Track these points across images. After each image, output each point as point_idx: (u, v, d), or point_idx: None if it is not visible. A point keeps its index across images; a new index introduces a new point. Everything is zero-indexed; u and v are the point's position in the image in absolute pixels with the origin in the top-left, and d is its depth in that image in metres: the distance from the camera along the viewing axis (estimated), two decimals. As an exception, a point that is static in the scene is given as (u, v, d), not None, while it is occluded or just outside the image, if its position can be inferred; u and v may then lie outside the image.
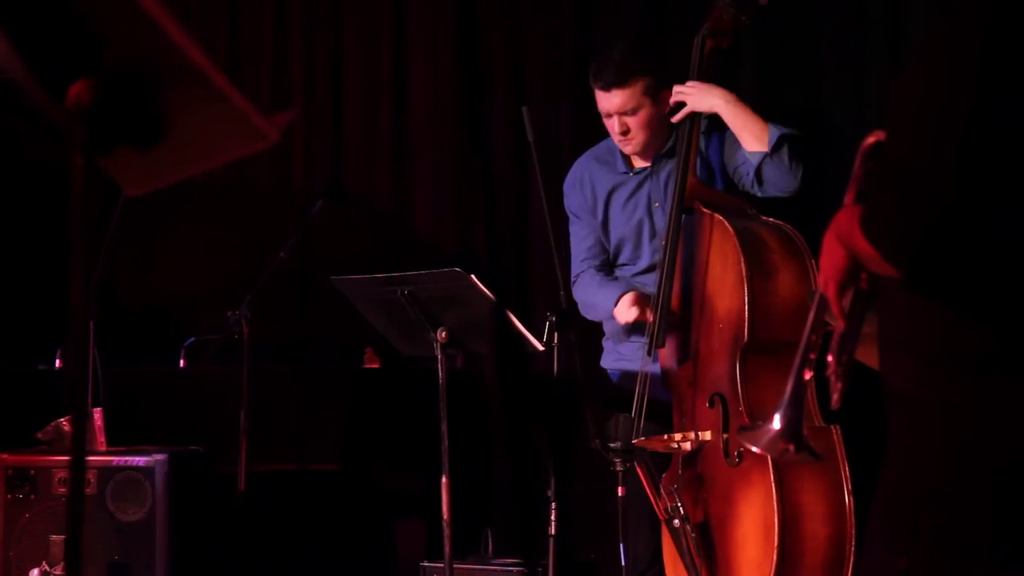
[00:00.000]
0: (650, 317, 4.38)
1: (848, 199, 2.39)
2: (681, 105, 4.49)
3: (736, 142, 4.48)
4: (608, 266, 4.73)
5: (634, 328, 4.52)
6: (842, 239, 2.30)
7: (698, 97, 4.45)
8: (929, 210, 2.10)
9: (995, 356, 2.18)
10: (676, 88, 4.47)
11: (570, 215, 4.80)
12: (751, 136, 4.42)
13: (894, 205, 2.14)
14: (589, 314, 4.71)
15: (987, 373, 2.18)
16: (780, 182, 4.42)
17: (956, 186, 2.09)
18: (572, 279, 4.72)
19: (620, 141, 4.61)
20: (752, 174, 4.43)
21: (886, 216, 2.15)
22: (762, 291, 4.22)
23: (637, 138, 4.58)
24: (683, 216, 4.38)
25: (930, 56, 2.19)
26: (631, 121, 4.55)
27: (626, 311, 4.48)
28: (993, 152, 2.10)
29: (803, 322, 2.54)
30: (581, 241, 4.76)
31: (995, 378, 2.17)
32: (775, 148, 4.39)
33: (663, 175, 4.62)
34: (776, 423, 2.51)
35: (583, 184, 4.75)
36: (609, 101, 4.54)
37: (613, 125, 4.58)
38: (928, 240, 2.12)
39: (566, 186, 4.80)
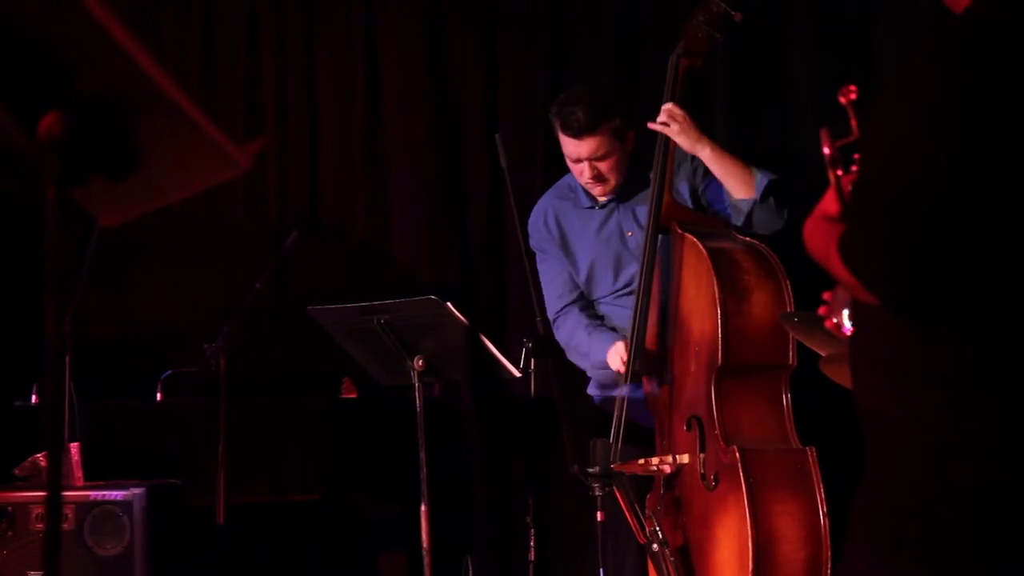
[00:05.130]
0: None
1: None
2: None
3: (715, 183, 4.48)
4: (587, 302, 4.70)
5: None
6: (818, 250, 2.26)
7: (684, 136, 4.41)
8: (914, 246, 2.08)
9: (970, 372, 2.17)
10: (664, 109, 4.42)
11: (537, 252, 4.77)
12: (739, 184, 4.41)
13: (876, 238, 2.11)
14: (577, 359, 4.68)
15: (963, 390, 2.17)
16: (769, 224, 4.42)
17: (940, 218, 2.08)
18: (552, 319, 4.68)
19: (589, 184, 4.58)
20: (742, 219, 4.42)
21: (869, 249, 2.13)
22: (735, 313, 4.22)
23: (609, 182, 4.57)
24: (659, 237, 4.38)
25: (909, 84, 2.17)
26: (602, 166, 4.54)
27: (617, 361, 4.46)
28: (975, 181, 2.09)
29: (779, 344, 2.49)
30: (555, 277, 4.73)
31: (971, 395, 2.17)
32: (764, 195, 4.39)
33: (631, 203, 4.61)
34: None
35: (547, 222, 4.74)
36: (579, 148, 4.52)
37: (583, 170, 4.55)
38: (915, 276, 2.10)
39: (530, 226, 4.77)
